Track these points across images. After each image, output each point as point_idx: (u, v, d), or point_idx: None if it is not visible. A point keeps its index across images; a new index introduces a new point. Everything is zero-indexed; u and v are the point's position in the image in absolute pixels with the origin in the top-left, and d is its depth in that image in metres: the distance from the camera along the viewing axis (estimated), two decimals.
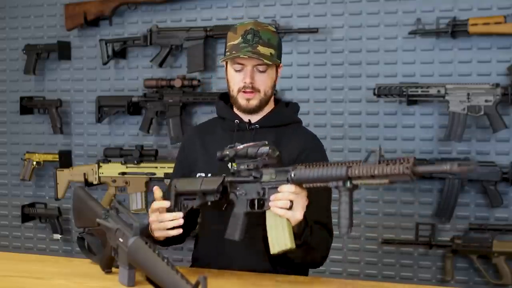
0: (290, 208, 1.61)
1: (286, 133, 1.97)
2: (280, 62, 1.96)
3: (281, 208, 1.61)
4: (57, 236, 3.60)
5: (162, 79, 3.30)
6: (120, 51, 3.42)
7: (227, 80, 1.96)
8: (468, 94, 2.83)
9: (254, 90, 1.89)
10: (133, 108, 3.38)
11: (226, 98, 2.03)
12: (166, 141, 3.38)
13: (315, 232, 1.76)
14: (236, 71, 1.91)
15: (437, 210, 2.96)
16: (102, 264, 1.78)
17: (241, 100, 1.91)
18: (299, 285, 1.73)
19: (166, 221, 1.75)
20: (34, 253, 3.64)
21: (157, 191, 1.80)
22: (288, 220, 1.62)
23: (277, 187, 1.63)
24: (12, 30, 3.70)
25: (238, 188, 1.72)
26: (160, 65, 3.34)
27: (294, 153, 1.90)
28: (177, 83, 3.25)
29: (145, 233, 1.79)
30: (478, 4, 2.90)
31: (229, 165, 1.81)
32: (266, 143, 1.69)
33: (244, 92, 1.89)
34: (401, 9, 3.01)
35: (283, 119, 2.00)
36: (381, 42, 3.04)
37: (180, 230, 1.76)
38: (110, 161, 3.40)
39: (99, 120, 3.44)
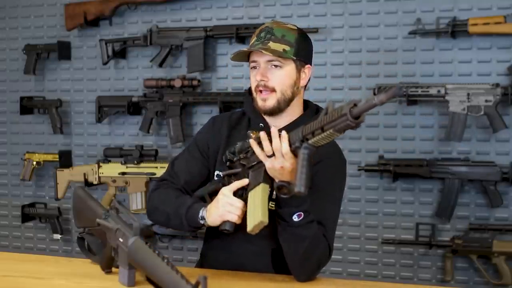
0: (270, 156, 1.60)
1: None
2: (304, 61, 1.86)
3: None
4: (57, 236, 3.60)
5: (162, 79, 3.30)
6: (120, 51, 3.42)
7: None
8: (468, 94, 2.83)
9: (268, 88, 1.82)
10: (133, 108, 3.38)
11: None
12: (166, 141, 3.38)
13: (313, 226, 1.69)
14: (252, 69, 1.86)
15: (437, 210, 2.96)
16: (102, 264, 1.78)
17: (259, 101, 1.85)
18: (298, 285, 1.73)
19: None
20: (34, 253, 3.63)
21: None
22: (263, 195, 1.61)
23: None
24: (12, 30, 3.70)
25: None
26: (160, 65, 3.34)
27: None
28: (177, 83, 3.24)
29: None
30: (478, 4, 2.90)
31: None
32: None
33: (260, 91, 1.83)
34: (401, 9, 3.01)
35: None
36: (381, 42, 3.04)
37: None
38: (110, 161, 3.40)
39: (99, 120, 3.44)
